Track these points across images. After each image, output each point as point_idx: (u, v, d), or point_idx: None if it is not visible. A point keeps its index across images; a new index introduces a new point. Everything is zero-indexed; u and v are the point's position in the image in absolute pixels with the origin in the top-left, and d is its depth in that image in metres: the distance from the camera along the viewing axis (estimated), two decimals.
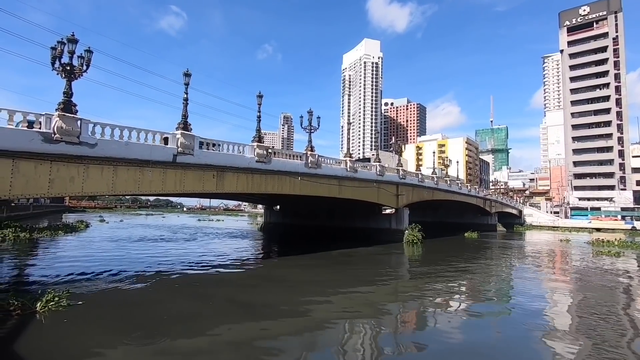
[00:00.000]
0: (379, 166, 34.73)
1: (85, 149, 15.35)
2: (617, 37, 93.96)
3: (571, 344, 9.46)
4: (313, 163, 27.19)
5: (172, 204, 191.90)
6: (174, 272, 19.11)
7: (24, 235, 32.06)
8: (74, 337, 9.43)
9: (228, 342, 9.30)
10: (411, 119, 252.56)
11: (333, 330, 10.48)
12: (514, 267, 24.76)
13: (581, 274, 21.57)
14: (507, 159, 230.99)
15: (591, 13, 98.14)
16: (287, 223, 47.40)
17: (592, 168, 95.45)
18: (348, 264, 23.46)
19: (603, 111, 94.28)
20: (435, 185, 45.21)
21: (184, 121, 19.46)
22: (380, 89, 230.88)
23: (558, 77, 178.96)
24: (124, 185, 17.04)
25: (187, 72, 20.05)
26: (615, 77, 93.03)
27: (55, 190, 14.88)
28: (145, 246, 30.27)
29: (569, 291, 16.89)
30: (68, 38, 15.25)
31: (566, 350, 8.95)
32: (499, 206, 70.46)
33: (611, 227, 71.18)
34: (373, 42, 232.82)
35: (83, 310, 11.46)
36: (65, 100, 15.03)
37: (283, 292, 15.22)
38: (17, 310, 10.71)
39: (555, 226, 76.82)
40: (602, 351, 8.80)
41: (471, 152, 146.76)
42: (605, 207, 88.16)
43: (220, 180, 21.16)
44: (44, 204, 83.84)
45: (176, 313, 11.55)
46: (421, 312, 13.06)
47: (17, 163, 13.67)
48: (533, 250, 35.98)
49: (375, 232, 37.79)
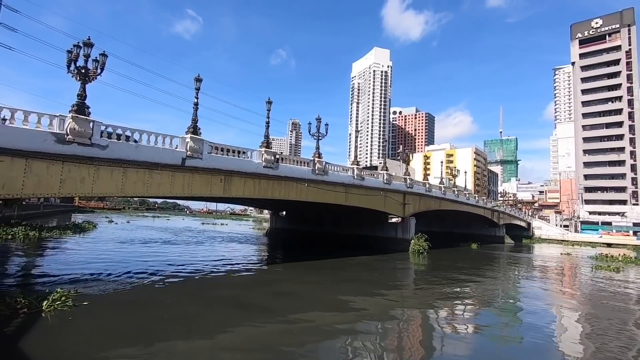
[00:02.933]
0: (386, 174, 34.60)
1: (97, 151, 15.58)
2: (630, 50, 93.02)
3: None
4: (320, 170, 27.20)
5: (179, 207, 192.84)
6: (179, 274, 19.17)
7: (33, 234, 32.46)
8: (78, 336, 9.49)
9: (228, 345, 9.28)
10: (419, 128, 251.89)
11: (335, 339, 10.39)
12: (516, 280, 24.33)
13: (572, 287, 22.00)
14: (517, 170, 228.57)
15: (604, 26, 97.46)
16: (292, 229, 47.34)
17: (604, 182, 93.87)
18: (353, 272, 23.28)
19: (615, 124, 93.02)
20: (443, 194, 44.84)
21: (194, 125, 19.67)
22: (389, 97, 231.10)
23: (569, 89, 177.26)
24: (133, 187, 17.22)
25: (199, 77, 20.34)
26: (628, 91, 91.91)
27: (65, 190, 15.09)
28: (151, 248, 30.45)
29: (552, 303, 16.58)
30: (84, 42, 15.59)
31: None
32: (507, 218, 69.53)
33: (622, 243, 69.56)
34: (383, 51, 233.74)
35: (89, 310, 11.53)
36: (78, 102, 15.31)
37: (285, 298, 15.15)
38: (23, 309, 10.81)
39: (564, 240, 75.43)
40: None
41: (480, 163, 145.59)
42: (617, 221, 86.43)
43: (227, 185, 21.27)
44: (53, 203, 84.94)
45: (179, 315, 11.56)
46: (425, 323, 12.88)
47: (30, 163, 13.92)
48: (536, 264, 35.42)
49: (381, 240, 37.51)
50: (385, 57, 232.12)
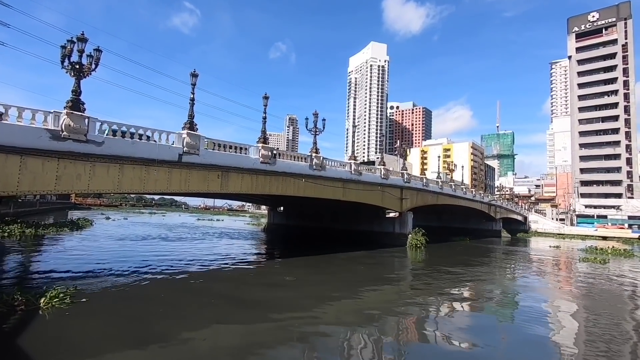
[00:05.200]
0: (384, 169, 34.62)
1: (93, 147, 15.48)
2: (627, 44, 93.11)
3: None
4: (318, 165, 27.18)
5: (176, 203, 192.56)
6: (175, 270, 19.18)
7: (29, 232, 32.34)
8: (76, 332, 9.49)
9: (225, 340, 9.31)
10: (417, 122, 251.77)
11: (332, 334, 10.43)
12: (510, 273, 24.56)
13: (556, 279, 22.87)
14: (513, 164, 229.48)
15: (600, 19, 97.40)
16: (290, 224, 47.39)
17: (599, 175, 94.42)
18: (351, 267, 23.39)
19: (611, 118, 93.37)
20: (440, 189, 44.98)
21: (191, 121, 19.56)
22: (386, 92, 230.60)
23: (566, 84, 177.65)
24: (130, 184, 17.14)
25: (194, 72, 20.19)
26: (624, 84, 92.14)
27: (61, 187, 15.01)
28: (148, 244, 30.43)
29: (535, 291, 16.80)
30: (78, 37, 15.42)
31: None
32: (504, 212, 69.90)
33: (618, 236, 70.22)
34: (379, 46, 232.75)
35: (86, 307, 11.52)
36: (73, 98, 15.17)
37: (282, 294, 15.18)
38: (21, 306, 10.80)
39: (560, 233, 76.01)
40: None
41: (477, 157, 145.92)
42: (612, 215, 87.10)
43: (224, 181, 21.22)
44: (50, 200, 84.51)
45: (177, 310, 11.57)
46: (424, 317, 12.95)
47: (25, 160, 13.81)
48: (529, 257, 35.77)
49: (378, 235, 37.64)
50: (382, 51, 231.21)
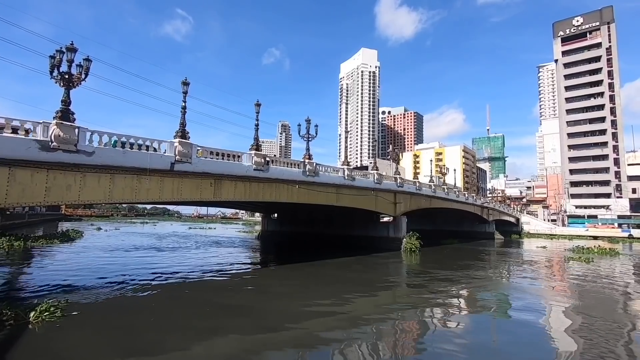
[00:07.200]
0: (377, 174, 34.77)
1: (83, 157, 15.29)
2: (610, 47, 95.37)
3: None
4: (311, 171, 27.20)
5: (169, 212, 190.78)
6: (167, 280, 18.95)
7: (18, 245, 31.65)
8: (66, 346, 9.32)
9: (220, 350, 9.19)
10: (409, 127, 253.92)
11: (327, 341, 10.36)
12: (505, 274, 24.73)
13: (548, 278, 23.68)
14: (504, 167, 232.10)
15: (584, 24, 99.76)
16: (284, 231, 47.19)
17: (588, 176, 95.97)
18: (346, 273, 23.31)
19: (598, 120, 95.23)
20: (433, 193, 45.27)
21: (182, 129, 19.48)
22: (377, 97, 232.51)
23: (553, 87, 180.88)
24: (121, 194, 16.95)
25: (186, 80, 20.17)
26: (610, 86, 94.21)
27: (51, 199, 14.78)
28: (139, 255, 29.99)
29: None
30: (67, 47, 15.30)
31: None
32: (497, 214, 70.51)
33: (608, 235, 71.28)
34: (370, 52, 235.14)
35: (77, 319, 11.31)
36: (63, 108, 15.03)
37: (276, 301, 15.07)
38: (9, 321, 10.56)
39: (552, 234, 76.87)
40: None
41: (468, 160, 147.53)
42: (602, 214, 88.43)
43: (217, 189, 21.10)
44: (39, 212, 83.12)
45: (167, 321, 11.42)
46: (420, 322, 12.96)
47: (14, 171, 13.59)
48: (520, 258, 36.05)
49: (373, 240, 37.66)
50: (372, 57, 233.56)
